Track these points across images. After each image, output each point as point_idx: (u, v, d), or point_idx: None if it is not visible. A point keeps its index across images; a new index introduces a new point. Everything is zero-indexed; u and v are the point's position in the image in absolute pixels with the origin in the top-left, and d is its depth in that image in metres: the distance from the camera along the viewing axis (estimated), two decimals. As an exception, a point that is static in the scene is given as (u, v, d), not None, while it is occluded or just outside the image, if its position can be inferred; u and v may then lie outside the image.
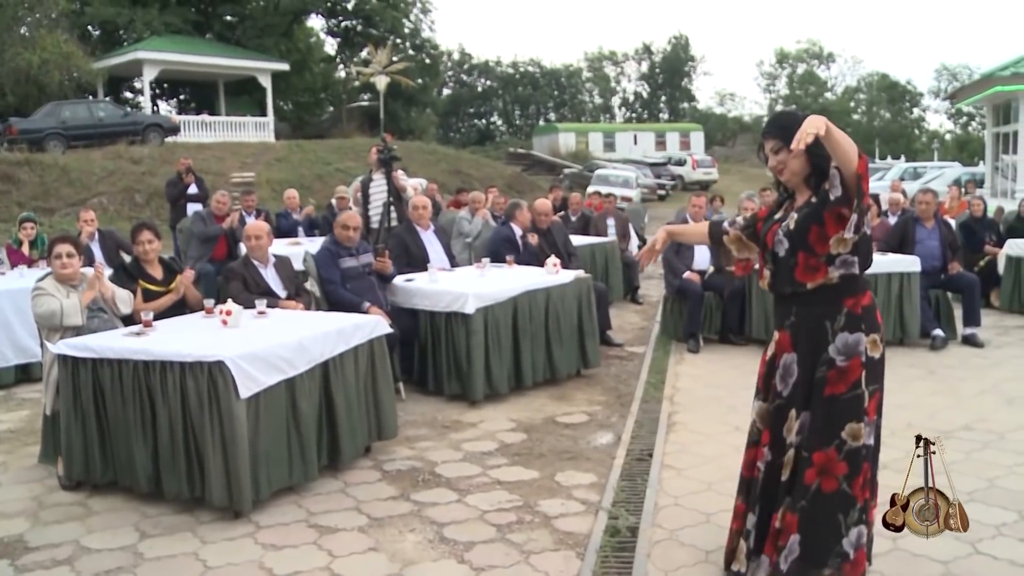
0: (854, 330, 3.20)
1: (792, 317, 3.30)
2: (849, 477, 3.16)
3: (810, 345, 3.24)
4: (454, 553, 3.89)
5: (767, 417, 3.38)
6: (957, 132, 62.79)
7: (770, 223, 3.40)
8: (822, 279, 3.20)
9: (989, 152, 19.88)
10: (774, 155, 3.28)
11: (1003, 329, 8.69)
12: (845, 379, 3.17)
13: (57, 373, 4.73)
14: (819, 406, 3.20)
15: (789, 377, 3.29)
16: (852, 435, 3.16)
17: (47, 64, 23.96)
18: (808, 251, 3.19)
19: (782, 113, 3.59)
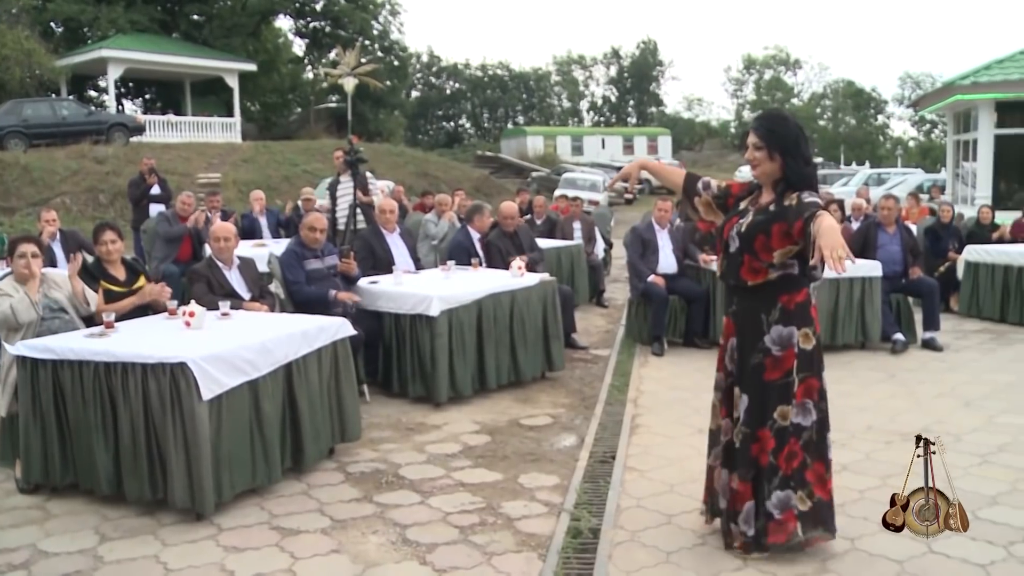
0: (787, 324, 3.56)
1: (734, 306, 3.72)
2: (776, 451, 3.61)
3: (748, 333, 3.64)
4: (416, 555, 3.89)
5: (723, 394, 3.83)
6: (920, 139, 63.72)
7: (732, 212, 3.71)
8: (762, 278, 3.56)
9: (950, 159, 20.18)
10: (753, 150, 3.56)
11: (962, 333, 8.84)
12: (780, 367, 3.58)
13: (16, 374, 4.68)
14: (756, 389, 3.62)
15: (734, 359, 3.72)
16: (781, 415, 3.61)
17: (7, 61, 23.62)
18: (753, 255, 3.54)
19: (774, 116, 3.74)
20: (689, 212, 4.19)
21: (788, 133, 3.52)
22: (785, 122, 3.58)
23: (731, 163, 51.19)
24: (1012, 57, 17.35)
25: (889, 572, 3.60)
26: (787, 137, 3.52)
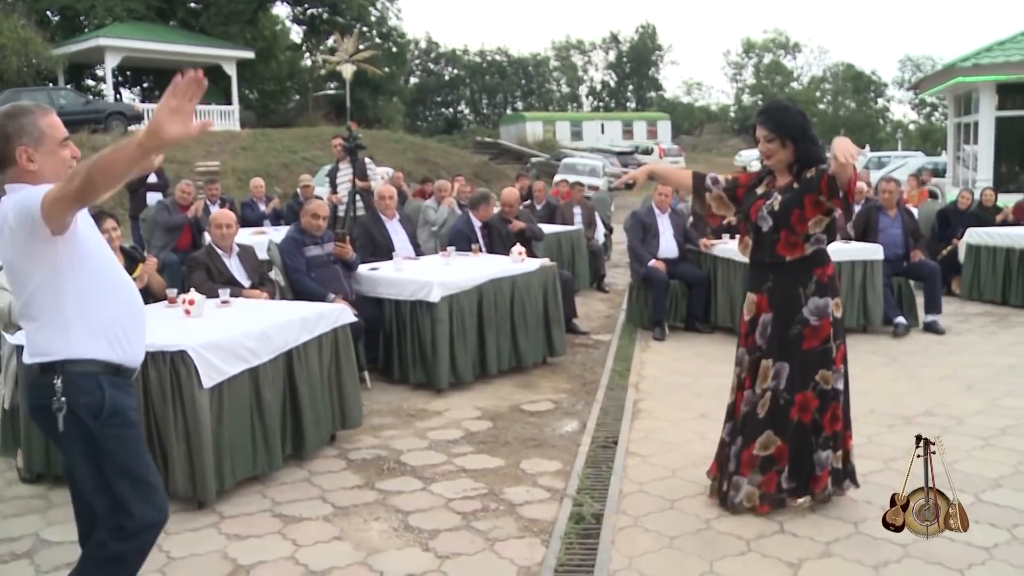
0: (823, 295, 3.87)
1: (769, 283, 3.91)
2: (820, 410, 3.93)
3: (785, 307, 3.87)
4: (419, 541, 3.89)
5: (749, 367, 3.99)
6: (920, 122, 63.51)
7: (753, 197, 3.97)
8: (799, 253, 3.84)
9: (951, 142, 20.12)
10: (765, 142, 3.84)
11: (963, 316, 8.82)
12: (818, 335, 3.87)
13: (16, 364, 4.67)
14: (797, 358, 3.88)
15: (766, 333, 3.91)
16: (823, 379, 3.91)
17: (3, 50, 23.54)
18: (790, 230, 3.80)
19: (777, 107, 3.99)
20: (699, 209, 4.37)
21: (794, 121, 3.82)
22: (789, 111, 3.89)
23: (730, 147, 51.16)
24: (1013, 39, 17.27)
25: (893, 555, 3.60)
26: (794, 125, 3.81)
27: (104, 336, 2.60)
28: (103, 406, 2.56)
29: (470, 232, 7.97)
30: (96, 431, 2.56)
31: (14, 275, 2.59)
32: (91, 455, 2.60)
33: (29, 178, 2.55)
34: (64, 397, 2.53)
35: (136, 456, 2.65)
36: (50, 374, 2.55)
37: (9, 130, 2.54)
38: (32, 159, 2.54)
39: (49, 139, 2.57)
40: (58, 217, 2.43)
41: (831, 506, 4.09)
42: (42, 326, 2.57)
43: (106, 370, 2.60)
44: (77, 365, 2.56)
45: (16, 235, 2.48)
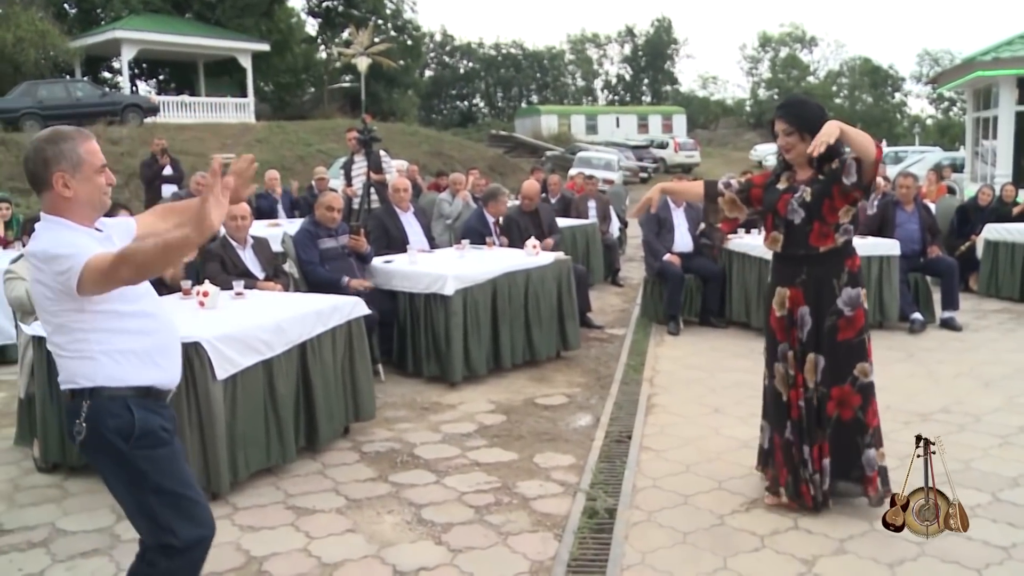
0: (855, 285, 3.93)
1: (803, 275, 3.93)
2: (863, 407, 3.92)
3: (820, 299, 3.90)
4: (432, 534, 3.89)
5: (795, 362, 3.98)
6: (938, 117, 63.08)
7: (776, 193, 3.99)
8: (831, 244, 3.88)
9: (969, 137, 19.95)
10: (785, 136, 3.89)
11: (981, 313, 8.75)
12: (853, 326, 3.92)
13: (32, 355, 4.69)
14: (832, 350, 3.90)
15: (805, 326, 3.94)
16: (862, 372, 3.93)
17: (22, 42, 23.60)
18: (822, 220, 3.85)
19: (796, 101, 4.15)
20: (711, 216, 4.39)
21: (812, 115, 3.85)
22: (807, 105, 3.98)
23: (746, 141, 50.91)
24: (1034, 32, 17.09)
25: (909, 553, 3.57)
26: (812, 119, 3.82)
27: (132, 361, 2.58)
28: (133, 428, 2.54)
29: (483, 228, 7.97)
30: (128, 453, 2.54)
31: (43, 305, 2.55)
32: (126, 478, 2.58)
33: (64, 205, 2.53)
34: (87, 423, 2.52)
35: (172, 473, 2.61)
36: (79, 400, 2.55)
37: (48, 155, 2.52)
38: (68, 185, 2.52)
39: (87, 166, 2.55)
40: (95, 292, 2.45)
41: (846, 503, 4.06)
42: (71, 355, 2.56)
43: (136, 393, 2.58)
44: (107, 391, 2.54)
45: (45, 279, 2.47)
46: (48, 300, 2.50)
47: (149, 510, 2.58)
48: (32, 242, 2.54)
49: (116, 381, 2.55)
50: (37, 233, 2.54)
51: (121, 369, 2.56)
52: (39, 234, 2.53)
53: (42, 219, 2.57)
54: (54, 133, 2.57)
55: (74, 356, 2.55)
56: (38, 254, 2.48)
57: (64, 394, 2.61)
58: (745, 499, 4.18)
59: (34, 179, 2.55)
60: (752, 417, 5.35)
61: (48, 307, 2.52)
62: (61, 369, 2.61)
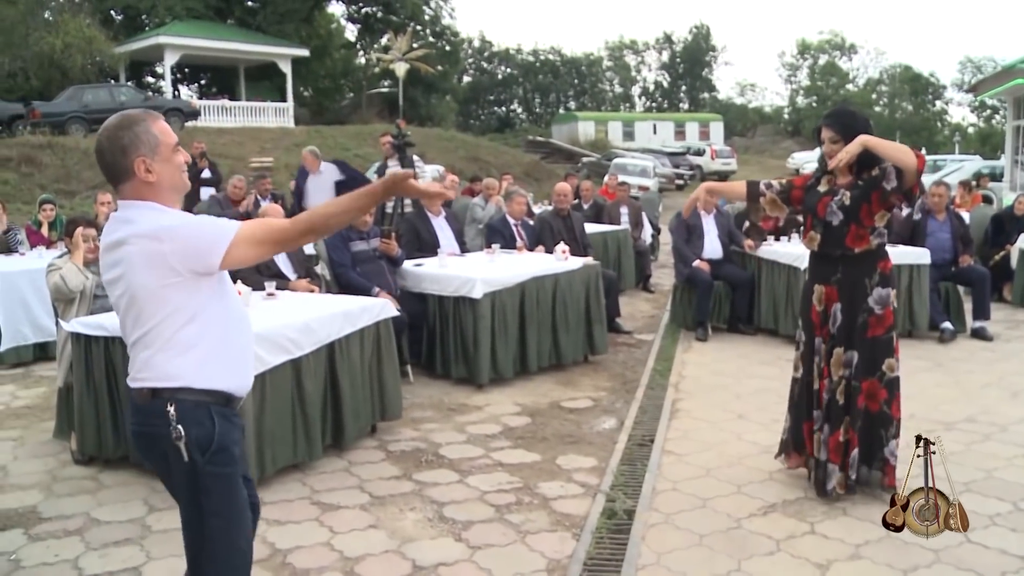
0: (885, 286, 4.18)
1: (838, 274, 4.19)
2: (888, 401, 4.19)
3: (853, 297, 4.16)
4: (452, 532, 3.97)
5: (825, 355, 4.24)
6: (980, 125, 62.14)
7: (817, 195, 4.26)
8: (866, 246, 4.13)
9: (1009, 145, 19.71)
10: (831, 144, 4.11)
11: (1014, 323, 8.67)
12: (883, 324, 4.18)
13: (71, 349, 4.85)
14: (864, 345, 4.16)
15: (836, 322, 4.20)
16: (889, 368, 4.20)
17: (70, 48, 24.09)
18: (858, 223, 4.11)
19: (844, 111, 4.33)
20: (753, 216, 4.57)
21: (859, 125, 4.10)
22: (855, 116, 4.21)
23: (783, 149, 50.54)
24: (1076, 41, 16.85)
25: (923, 560, 3.59)
26: (859, 129, 4.06)
27: (221, 365, 2.47)
28: (212, 440, 2.42)
29: (504, 228, 8.06)
30: (200, 467, 2.42)
31: (142, 300, 2.38)
32: (191, 489, 2.46)
33: (147, 191, 2.40)
34: (180, 426, 2.38)
35: (232, 497, 2.50)
36: (162, 400, 2.40)
37: (125, 141, 2.38)
38: (151, 169, 2.39)
39: (164, 146, 2.43)
40: (249, 259, 2.45)
41: (862, 508, 4.09)
42: (165, 354, 2.41)
43: (217, 400, 2.46)
44: (192, 394, 2.41)
45: (166, 260, 2.33)
46: (156, 282, 2.35)
47: (200, 527, 2.48)
48: (125, 226, 2.37)
49: (203, 382, 2.43)
50: (129, 217, 2.38)
51: (213, 371, 2.45)
52: (134, 217, 2.38)
53: (124, 207, 2.42)
54: (123, 118, 2.44)
55: (163, 349, 2.40)
56: (154, 232, 2.33)
57: (138, 392, 2.45)
58: (763, 503, 4.22)
59: (113, 169, 2.41)
60: (775, 423, 5.40)
61: (153, 291, 2.36)
62: (143, 365, 2.44)
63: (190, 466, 2.41)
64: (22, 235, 8.76)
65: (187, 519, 2.51)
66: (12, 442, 5.40)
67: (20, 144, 18.95)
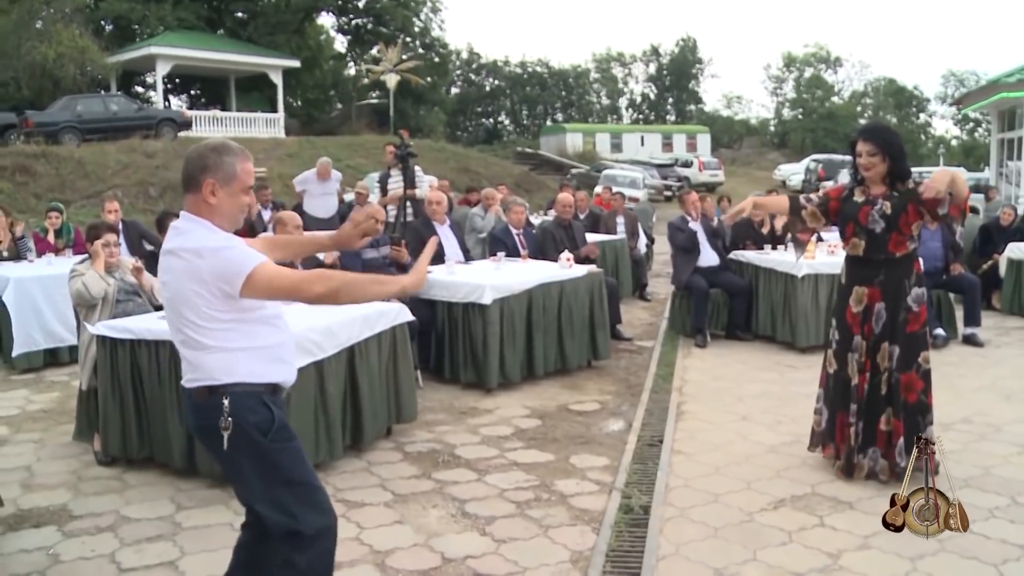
0: (920, 285, 4.60)
1: (881, 276, 4.55)
2: (925, 391, 4.58)
3: (895, 296, 4.53)
4: (476, 526, 4.12)
5: (867, 351, 4.58)
6: (963, 138, 62.80)
7: (855, 205, 4.59)
8: (905, 250, 4.52)
9: (994, 158, 20.05)
10: (869, 156, 4.48)
11: (1004, 330, 8.89)
12: (918, 320, 4.57)
13: (95, 351, 4.97)
14: (903, 340, 4.53)
15: (880, 320, 4.55)
16: (924, 360, 4.58)
17: (62, 58, 24.15)
18: (898, 231, 4.48)
19: (882, 128, 4.90)
20: (793, 229, 5.02)
21: (895, 141, 4.56)
22: (892, 132, 4.70)
23: (770, 161, 50.91)
24: (1059, 55, 17.18)
25: (929, 549, 3.75)
26: (895, 144, 4.52)
27: (267, 360, 2.74)
28: (272, 423, 2.70)
29: (506, 238, 8.22)
30: (266, 446, 2.68)
31: (183, 304, 2.65)
32: (260, 470, 2.71)
33: (206, 210, 2.68)
34: (232, 417, 2.65)
35: (300, 463, 2.77)
36: (218, 395, 2.66)
37: (209, 161, 2.68)
38: (215, 193, 2.67)
39: (238, 184, 2.71)
40: (265, 297, 2.67)
41: (869, 502, 4.26)
42: (211, 351, 2.67)
43: (267, 390, 2.74)
44: (244, 387, 2.68)
45: (202, 274, 2.59)
46: (194, 294, 2.61)
47: (281, 500, 2.71)
48: (178, 238, 2.66)
49: (254, 377, 2.70)
50: (184, 230, 2.68)
51: (258, 366, 2.71)
52: (189, 230, 2.66)
53: (183, 218, 2.72)
54: (221, 145, 2.75)
55: (214, 351, 2.67)
56: (198, 249, 2.60)
57: (196, 392, 2.71)
58: (773, 499, 4.38)
59: (187, 178, 2.71)
60: (779, 425, 5.58)
61: (193, 301, 2.62)
62: (194, 366, 2.71)
63: (256, 448, 2.69)
64: (30, 242, 8.86)
65: (263, 500, 2.74)
66: (33, 444, 5.51)
67: (14, 153, 18.98)
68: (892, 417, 4.53)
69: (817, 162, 35.73)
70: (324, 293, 2.62)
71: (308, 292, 2.62)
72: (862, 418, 4.58)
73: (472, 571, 3.68)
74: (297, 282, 2.62)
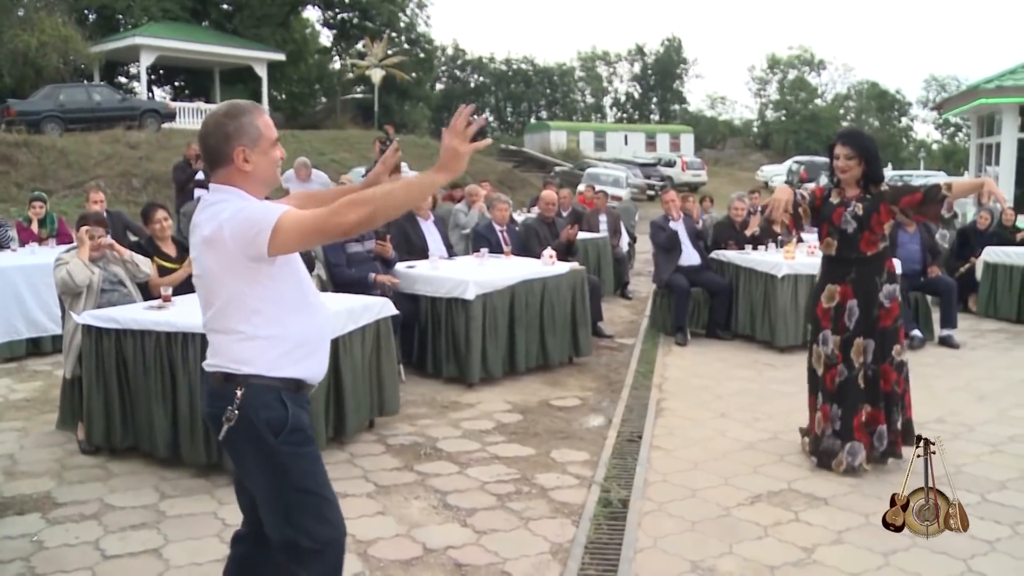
0: (892, 282, 4.80)
1: (853, 274, 4.76)
2: (898, 381, 4.81)
3: (867, 293, 4.74)
4: (457, 518, 4.17)
5: (841, 346, 4.78)
6: (944, 142, 63.39)
7: (831, 206, 4.80)
8: (876, 249, 4.73)
9: (973, 163, 20.24)
10: (846, 159, 4.72)
11: (979, 332, 9.02)
12: (891, 315, 4.78)
13: (80, 340, 4.98)
14: (877, 335, 4.74)
15: (853, 316, 4.75)
16: (897, 352, 4.80)
17: (45, 47, 24.02)
18: (870, 231, 4.70)
19: (858, 133, 5.04)
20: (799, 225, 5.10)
21: (871, 145, 4.81)
22: (868, 137, 4.94)
23: (752, 162, 51.17)
24: (1038, 61, 17.37)
25: (901, 544, 3.83)
26: (870, 148, 4.78)
27: (292, 352, 2.53)
28: (285, 422, 2.48)
29: (489, 235, 8.27)
30: (275, 448, 2.48)
31: (209, 283, 2.50)
32: (267, 472, 2.52)
33: (240, 179, 2.50)
34: (239, 410, 2.46)
35: (312, 473, 2.56)
36: (232, 384, 2.48)
37: (229, 129, 2.48)
38: (248, 159, 2.48)
39: (265, 139, 2.52)
40: (297, 246, 2.43)
41: (844, 499, 4.36)
42: (231, 339, 2.50)
43: (287, 386, 2.52)
44: (262, 380, 2.49)
45: (226, 246, 2.39)
46: (221, 269, 2.44)
47: (284, 508, 2.53)
48: (207, 210, 2.48)
49: (274, 370, 2.50)
50: (212, 202, 2.49)
51: (280, 357, 2.51)
52: (217, 202, 2.48)
53: (215, 190, 2.52)
54: (232, 108, 2.54)
55: (236, 337, 2.49)
56: (226, 223, 2.39)
57: (213, 376, 2.54)
58: (750, 494, 4.47)
59: (213, 154, 2.50)
60: (756, 422, 5.67)
61: (220, 277, 2.46)
62: (215, 349, 2.55)
63: (265, 448, 2.48)
64: (13, 232, 8.84)
65: (266, 504, 2.57)
66: (16, 432, 5.53)
67: (-5, 142, 18.88)
68: (871, 408, 4.76)
69: (799, 164, 36.05)
70: (360, 221, 2.31)
71: (343, 223, 2.30)
72: (833, 408, 4.80)
73: (453, 561, 3.74)
74: (326, 217, 2.32)
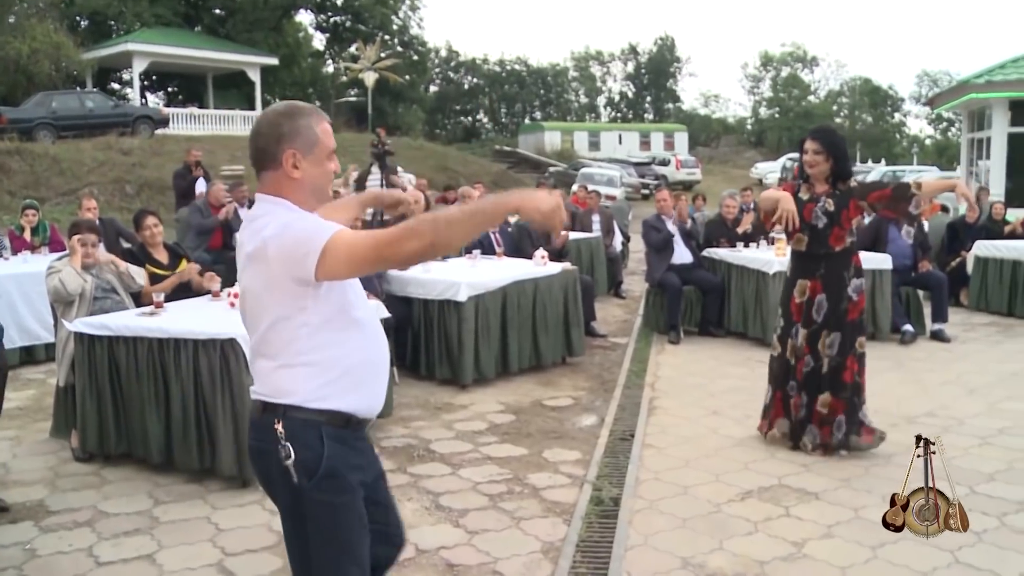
0: (859, 277, 4.99)
1: (822, 270, 4.93)
2: (859, 372, 4.98)
3: (836, 287, 4.91)
4: (450, 519, 4.20)
5: (809, 338, 4.96)
6: (937, 137, 63.54)
7: (800, 202, 4.92)
8: (844, 244, 4.89)
9: (964, 157, 20.30)
10: (814, 155, 4.86)
11: (970, 326, 9.05)
12: (857, 308, 4.97)
13: (72, 348, 5.00)
14: (845, 328, 4.92)
15: (822, 310, 4.93)
16: (860, 345, 5.00)
17: (37, 53, 24.03)
18: (840, 226, 4.86)
19: (828, 129, 5.22)
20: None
21: (840, 142, 4.96)
22: (837, 134, 5.08)
23: (747, 159, 51.23)
24: (1027, 56, 17.45)
25: (890, 538, 3.81)
26: (839, 145, 4.93)
27: (337, 381, 2.24)
28: (319, 465, 2.20)
29: (482, 236, 8.28)
30: (305, 492, 2.21)
31: (252, 304, 2.27)
32: (295, 518, 2.28)
33: (289, 188, 2.26)
34: (283, 447, 2.19)
35: (341, 527, 2.26)
36: (271, 415, 2.23)
37: (284, 129, 2.24)
38: (298, 166, 2.24)
39: (321, 148, 2.27)
40: (347, 273, 2.18)
41: (834, 493, 4.39)
42: (273, 365, 2.25)
43: (332, 420, 2.24)
44: (303, 412, 2.22)
45: (270, 266, 2.16)
46: (266, 291, 2.20)
47: (304, 560, 2.30)
48: (252, 224, 2.25)
49: (316, 401, 2.22)
50: (257, 215, 2.26)
51: (323, 387, 2.23)
52: (263, 215, 2.24)
53: (259, 200, 2.29)
54: (291, 108, 2.30)
55: (278, 363, 2.24)
56: (270, 240, 2.15)
57: (253, 405, 2.32)
58: (741, 490, 4.49)
59: (261, 155, 2.27)
60: (748, 419, 5.70)
61: (263, 299, 2.22)
62: (259, 377, 2.31)
63: (294, 489, 2.23)
64: (5, 240, 8.85)
65: (290, 536, 2.34)
66: (9, 441, 5.54)
67: (-13, 150, 18.87)
68: (831, 397, 4.93)
69: (793, 160, 35.92)
70: (419, 250, 2.08)
71: (400, 253, 2.08)
72: (802, 396, 5.00)
73: (445, 562, 3.76)
74: (384, 243, 2.06)
